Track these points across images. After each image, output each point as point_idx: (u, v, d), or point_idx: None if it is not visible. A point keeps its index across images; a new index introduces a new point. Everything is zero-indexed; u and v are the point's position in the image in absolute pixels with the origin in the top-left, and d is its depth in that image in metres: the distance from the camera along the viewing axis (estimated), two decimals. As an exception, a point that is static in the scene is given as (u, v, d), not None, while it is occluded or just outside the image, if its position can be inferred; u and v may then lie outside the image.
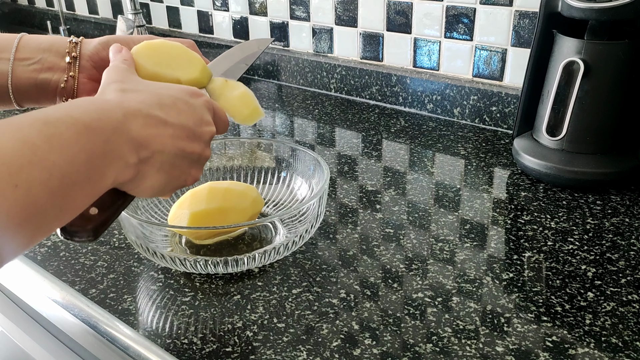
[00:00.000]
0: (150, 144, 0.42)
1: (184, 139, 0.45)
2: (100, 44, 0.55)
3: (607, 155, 0.77)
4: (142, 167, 0.41)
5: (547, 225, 0.69)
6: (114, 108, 0.40)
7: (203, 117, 0.47)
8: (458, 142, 0.94)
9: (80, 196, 0.37)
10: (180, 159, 0.45)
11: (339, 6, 1.15)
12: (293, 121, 1.07)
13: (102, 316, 0.56)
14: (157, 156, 0.42)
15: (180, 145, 0.44)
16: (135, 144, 0.40)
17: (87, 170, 0.36)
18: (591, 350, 0.50)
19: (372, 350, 0.50)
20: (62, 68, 0.54)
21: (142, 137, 0.41)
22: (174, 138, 0.44)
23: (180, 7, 1.45)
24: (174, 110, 0.44)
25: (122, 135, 0.39)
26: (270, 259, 0.61)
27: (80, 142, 0.36)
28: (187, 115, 0.45)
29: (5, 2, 2.01)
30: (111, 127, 0.39)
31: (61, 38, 0.55)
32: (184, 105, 0.46)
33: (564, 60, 0.74)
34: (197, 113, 0.47)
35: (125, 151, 0.39)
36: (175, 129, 0.44)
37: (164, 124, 0.43)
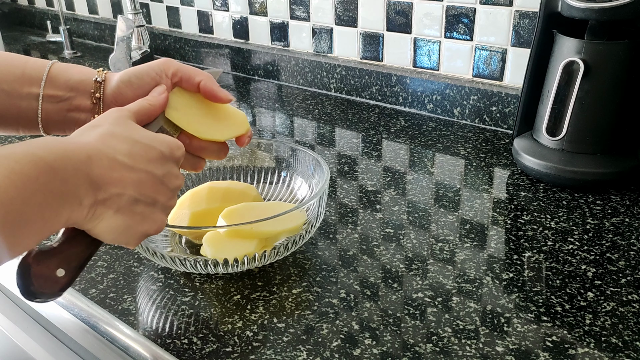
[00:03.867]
0: (110, 186, 0.42)
1: (149, 185, 0.45)
2: (121, 82, 0.54)
3: (607, 155, 0.77)
4: (98, 207, 0.42)
5: (547, 225, 0.69)
6: (79, 149, 0.41)
7: (172, 170, 0.48)
8: (458, 142, 0.94)
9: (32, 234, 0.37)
10: (142, 205, 0.45)
11: (339, 6, 1.15)
12: (293, 121, 1.07)
13: (102, 316, 0.56)
14: (115, 198, 0.43)
15: (143, 191, 0.45)
16: (94, 185, 0.41)
17: (42, 209, 0.37)
18: (591, 350, 0.50)
19: (372, 350, 0.50)
20: (88, 108, 0.54)
21: (102, 179, 0.41)
22: (137, 183, 0.44)
23: (180, 7, 1.45)
24: (143, 158, 0.45)
25: (82, 176, 0.40)
26: (270, 259, 0.61)
27: (39, 181, 0.36)
28: (156, 165, 0.46)
29: (5, 2, 2.01)
30: (72, 167, 0.39)
31: (88, 74, 0.55)
32: (156, 155, 0.46)
33: (564, 60, 0.74)
34: (167, 166, 0.47)
35: (82, 191, 0.40)
36: (140, 175, 0.44)
37: (129, 169, 0.44)
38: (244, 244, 0.59)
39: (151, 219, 0.46)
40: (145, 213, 0.46)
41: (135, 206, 0.44)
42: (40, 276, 0.42)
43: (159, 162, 0.46)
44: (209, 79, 0.56)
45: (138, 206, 0.45)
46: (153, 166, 0.46)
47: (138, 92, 0.54)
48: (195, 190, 0.67)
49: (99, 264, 0.64)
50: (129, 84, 0.54)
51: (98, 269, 0.63)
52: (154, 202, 0.46)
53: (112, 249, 0.67)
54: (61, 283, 0.43)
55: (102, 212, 0.42)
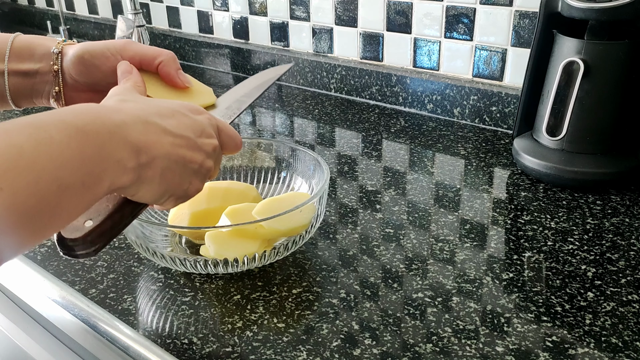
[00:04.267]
0: (151, 149, 0.41)
1: (184, 147, 0.44)
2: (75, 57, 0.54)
3: (607, 155, 0.77)
4: (142, 171, 0.41)
5: (547, 225, 0.69)
6: (111, 113, 0.40)
7: (204, 130, 0.47)
8: (458, 142, 0.94)
9: (74, 201, 0.36)
10: (181, 167, 0.44)
11: (339, 6, 1.15)
12: (293, 121, 1.07)
13: (102, 316, 0.56)
14: (158, 162, 0.42)
15: (181, 153, 0.44)
16: (134, 148, 0.40)
17: (80, 174, 0.36)
18: (591, 350, 0.50)
19: (372, 350, 0.50)
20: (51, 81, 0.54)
21: (141, 142, 0.40)
22: (174, 146, 0.43)
23: (180, 7, 1.45)
24: (173, 120, 0.44)
25: (120, 140, 0.39)
26: (270, 259, 0.61)
27: (71, 146, 0.35)
28: (187, 126, 0.45)
29: (5, 2, 2.01)
30: (107, 131, 0.38)
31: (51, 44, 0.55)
32: (184, 117, 0.46)
33: (564, 60, 0.74)
34: (197, 125, 0.47)
35: (124, 155, 0.39)
36: (175, 137, 0.44)
37: (164, 131, 0.43)
38: (247, 243, 0.59)
39: (189, 182, 0.46)
40: (184, 176, 0.45)
41: (175, 169, 0.44)
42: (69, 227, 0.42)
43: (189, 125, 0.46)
44: (168, 60, 0.55)
45: (177, 169, 0.44)
46: (187, 130, 0.45)
47: (91, 70, 0.54)
48: (195, 190, 0.67)
49: (99, 264, 0.64)
50: (82, 59, 0.54)
51: (98, 269, 0.63)
52: (190, 164, 0.45)
53: (112, 249, 0.67)
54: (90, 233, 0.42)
55: (147, 177, 0.41)
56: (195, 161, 0.46)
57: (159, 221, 0.68)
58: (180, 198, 0.47)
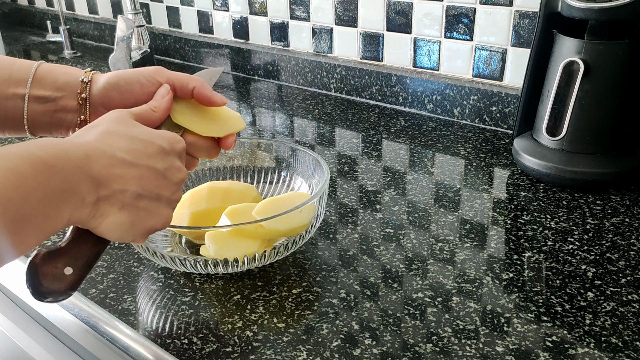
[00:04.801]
0: (111, 183, 0.42)
1: (151, 180, 0.45)
2: (109, 84, 0.54)
3: (607, 155, 0.77)
4: (101, 205, 0.42)
5: (547, 225, 0.69)
6: (77, 148, 0.41)
7: (174, 164, 0.48)
8: (458, 142, 0.94)
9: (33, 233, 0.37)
10: (146, 200, 0.45)
11: (339, 6, 1.15)
12: (293, 121, 1.07)
13: (102, 316, 0.56)
14: (119, 195, 0.42)
15: (146, 186, 0.44)
16: (95, 183, 0.41)
17: (42, 207, 0.37)
18: (591, 350, 0.50)
19: (372, 350, 0.50)
20: (75, 109, 0.54)
21: (103, 176, 0.41)
22: (140, 179, 0.44)
23: (180, 7, 1.45)
24: (143, 154, 0.45)
25: (82, 174, 0.40)
26: (270, 259, 0.61)
27: (37, 179, 0.36)
28: (157, 160, 0.46)
29: (5, 2, 2.01)
30: (71, 165, 0.39)
31: (75, 75, 0.54)
32: (156, 151, 0.46)
33: (564, 60, 0.74)
34: (168, 159, 0.47)
35: (83, 189, 0.40)
36: (141, 171, 0.44)
37: (130, 165, 0.43)
38: (247, 243, 0.59)
39: (157, 214, 0.46)
40: (150, 208, 0.45)
41: (139, 202, 0.44)
42: (48, 275, 0.42)
43: (159, 157, 0.46)
44: (201, 84, 0.55)
45: (142, 202, 0.44)
46: (154, 161, 0.45)
47: (125, 96, 0.54)
48: (195, 190, 0.67)
49: (99, 264, 0.64)
50: (116, 86, 0.54)
51: (98, 269, 0.63)
52: (158, 197, 0.46)
53: (112, 249, 0.67)
54: (70, 281, 0.43)
55: (105, 210, 0.42)
56: (163, 194, 0.46)
57: (159, 221, 0.68)
58: (148, 230, 0.47)
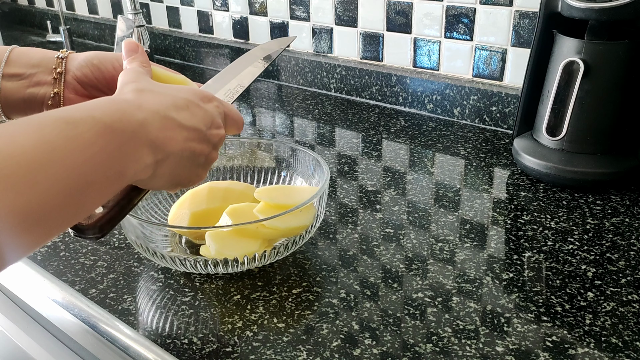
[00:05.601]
0: (167, 146, 0.43)
1: (195, 141, 0.46)
2: (85, 61, 0.56)
3: (607, 155, 0.77)
4: (157, 167, 0.43)
5: (547, 225, 0.69)
6: (133, 109, 0.41)
7: (214, 121, 0.49)
8: (458, 142, 0.94)
9: (96, 195, 0.38)
10: (189, 160, 0.46)
11: (339, 6, 1.15)
12: (293, 121, 1.07)
13: (102, 316, 0.56)
14: (172, 158, 0.44)
15: (191, 147, 0.46)
16: (153, 146, 0.42)
17: (104, 170, 0.37)
18: (591, 350, 0.50)
19: (372, 350, 0.50)
20: (48, 83, 0.55)
21: (159, 140, 0.42)
22: (187, 140, 0.45)
23: (180, 7, 1.45)
24: (187, 112, 0.46)
25: (141, 138, 0.40)
26: (270, 259, 0.61)
27: (99, 143, 0.37)
28: (199, 118, 0.47)
29: (5, 2, 2.01)
30: (131, 128, 0.40)
31: (50, 53, 0.56)
32: (197, 108, 0.47)
33: (564, 60, 0.74)
34: (208, 116, 0.48)
35: (144, 153, 0.41)
36: (188, 132, 0.45)
37: (179, 126, 0.44)
38: (247, 242, 0.59)
39: (194, 173, 0.48)
40: (191, 168, 0.47)
41: (185, 163, 0.46)
42: None
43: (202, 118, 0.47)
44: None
45: (187, 162, 0.46)
46: (198, 121, 0.46)
47: (98, 75, 0.56)
48: (195, 190, 0.67)
49: (99, 264, 0.64)
50: (90, 64, 0.56)
51: (98, 269, 0.63)
52: (199, 157, 0.47)
53: (112, 249, 0.67)
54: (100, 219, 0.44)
55: (160, 171, 0.43)
56: (203, 153, 0.48)
57: (159, 221, 0.68)
58: (185, 186, 0.49)
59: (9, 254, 0.32)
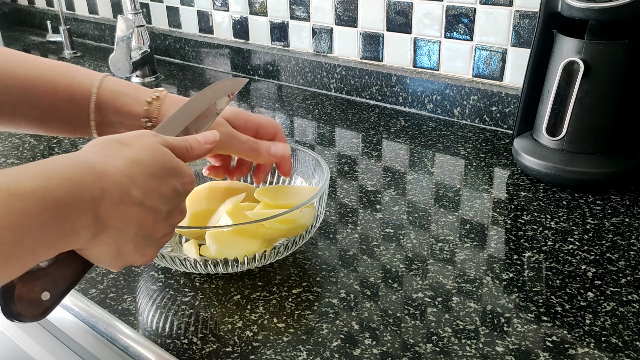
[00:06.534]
0: (114, 221, 0.41)
1: (150, 222, 0.44)
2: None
3: (607, 155, 0.77)
4: (95, 239, 0.40)
5: (547, 225, 0.69)
6: (94, 182, 0.39)
7: (179, 206, 0.47)
8: (458, 142, 0.94)
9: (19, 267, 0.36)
10: (139, 238, 0.44)
11: (339, 6, 1.15)
12: (293, 121, 1.07)
13: (102, 316, 0.56)
14: (115, 232, 0.41)
15: (143, 227, 0.43)
16: (97, 221, 0.39)
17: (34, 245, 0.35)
18: (591, 350, 0.50)
19: (372, 350, 0.50)
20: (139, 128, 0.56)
21: (108, 215, 0.40)
22: (140, 219, 0.43)
23: (180, 7, 1.45)
24: (155, 194, 0.44)
25: (89, 213, 0.38)
26: (270, 259, 0.61)
27: (40, 219, 0.35)
28: (165, 201, 0.45)
29: (5, 2, 2.01)
30: (82, 203, 0.38)
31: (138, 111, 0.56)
32: (169, 191, 0.45)
33: (564, 60, 0.74)
34: (175, 202, 0.46)
35: (83, 226, 0.38)
36: (146, 211, 0.43)
37: (138, 204, 0.42)
38: (247, 242, 0.59)
39: (142, 252, 0.45)
40: (139, 245, 0.44)
41: (131, 240, 0.43)
42: (24, 298, 0.40)
43: (168, 198, 0.45)
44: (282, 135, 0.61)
45: (134, 239, 0.43)
46: (162, 202, 0.44)
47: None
48: (195, 190, 0.67)
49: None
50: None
51: (98, 269, 0.63)
52: (150, 236, 0.45)
53: (112, 249, 0.67)
54: (45, 306, 0.41)
55: (98, 242, 0.41)
56: (157, 234, 0.45)
57: (159, 221, 0.68)
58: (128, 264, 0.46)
59: None
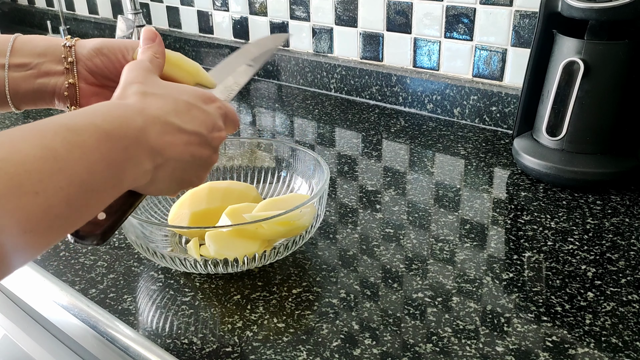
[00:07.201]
0: (166, 151, 0.43)
1: (195, 145, 0.46)
2: (94, 50, 0.54)
3: (607, 155, 0.77)
4: (156, 172, 0.43)
5: (547, 225, 0.69)
6: (134, 115, 0.41)
7: (215, 124, 0.49)
8: (458, 142, 0.94)
9: (96, 202, 0.38)
10: (190, 164, 0.46)
11: (339, 6, 1.15)
12: (293, 121, 1.07)
13: (102, 316, 0.56)
14: (171, 162, 0.44)
15: (192, 151, 0.46)
16: (152, 152, 0.42)
17: (105, 177, 0.37)
18: (591, 350, 0.50)
19: (372, 350, 0.50)
20: (58, 73, 0.54)
21: (159, 145, 0.42)
22: (187, 145, 0.45)
23: (180, 7, 1.45)
24: (188, 116, 0.46)
25: (142, 143, 0.41)
26: (270, 259, 0.61)
27: (101, 150, 0.37)
28: (201, 121, 0.47)
29: (5, 2, 2.01)
30: (132, 134, 0.40)
31: (55, 41, 0.55)
32: (198, 111, 0.47)
33: (564, 60, 0.74)
34: (209, 120, 0.48)
35: (143, 158, 0.41)
36: (189, 136, 0.45)
37: (180, 131, 0.44)
38: (247, 243, 0.59)
39: (195, 176, 0.48)
40: (192, 171, 0.47)
41: (185, 166, 0.46)
42: None
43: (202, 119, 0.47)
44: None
45: (187, 166, 0.46)
46: (199, 124, 0.46)
47: (108, 64, 0.54)
48: (195, 190, 0.67)
49: (99, 264, 0.64)
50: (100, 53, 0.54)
51: (98, 269, 0.63)
52: (200, 160, 0.47)
53: (112, 249, 0.67)
54: (102, 226, 0.43)
55: (159, 176, 0.43)
56: (204, 157, 0.47)
57: (159, 221, 0.68)
58: (185, 188, 0.49)
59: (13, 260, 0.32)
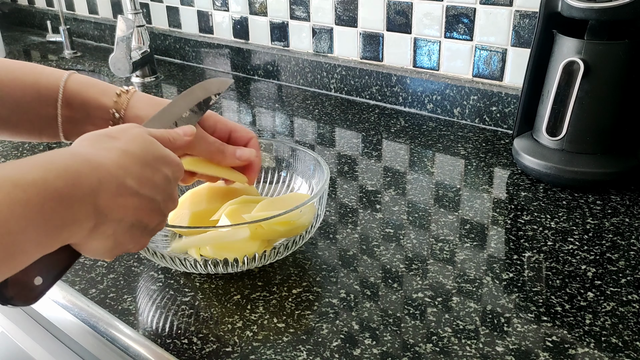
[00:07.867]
0: (113, 212, 0.42)
1: (146, 210, 0.45)
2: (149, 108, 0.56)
3: (607, 155, 0.77)
4: (96, 231, 0.41)
5: (547, 225, 0.69)
6: (91, 173, 0.40)
7: (172, 194, 0.48)
8: (458, 142, 0.94)
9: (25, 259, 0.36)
10: (134, 228, 0.45)
11: (339, 6, 1.15)
12: (293, 121, 1.07)
13: (102, 316, 0.56)
14: (114, 223, 0.42)
15: (140, 216, 0.44)
16: (97, 212, 0.40)
17: (38, 237, 0.36)
18: (591, 350, 0.50)
19: (372, 350, 0.50)
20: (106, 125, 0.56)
21: (107, 206, 0.41)
22: (137, 209, 0.44)
23: (180, 7, 1.45)
24: (149, 183, 0.45)
25: (89, 203, 0.39)
26: (270, 259, 0.61)
27: (43, 209, 0.36)
28: (159, 190, 0.46)
29: (5, 2, 2.01)
30: (81, 194, 0.39)
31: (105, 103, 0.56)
32: (161, 179, 0.46)
33: (564, 60, 0.74)
34: (168, 189, 0.47)
35: (84, 217, 0.39)
36: (141, 201, 0.44)
37: (134, 194, 0.43)
38: (247, 243, 0.59)
39: (137, 241, 0.46)
40: (135, 235, 0.45)
41: (127, 231, 0.44)
42: (17, 283, 0.41)
43: (161, 187, 0.46)
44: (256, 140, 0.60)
45: (132, 229, 0.44)
46: (156, 192, 0.45)
47: None
48: (195, 190, 0.67)
49: (99, 264, 0.64)
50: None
51: (98, 269, 0.63)
52: (145, 226, 0.46)
53: (112, 249, 0.67)
54: (37, 291, 0.42)
55: (98, 235, 0.42)
56: (151, 224, 0.46)
57: (159, 221, 0.68)
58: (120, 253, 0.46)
59: None
